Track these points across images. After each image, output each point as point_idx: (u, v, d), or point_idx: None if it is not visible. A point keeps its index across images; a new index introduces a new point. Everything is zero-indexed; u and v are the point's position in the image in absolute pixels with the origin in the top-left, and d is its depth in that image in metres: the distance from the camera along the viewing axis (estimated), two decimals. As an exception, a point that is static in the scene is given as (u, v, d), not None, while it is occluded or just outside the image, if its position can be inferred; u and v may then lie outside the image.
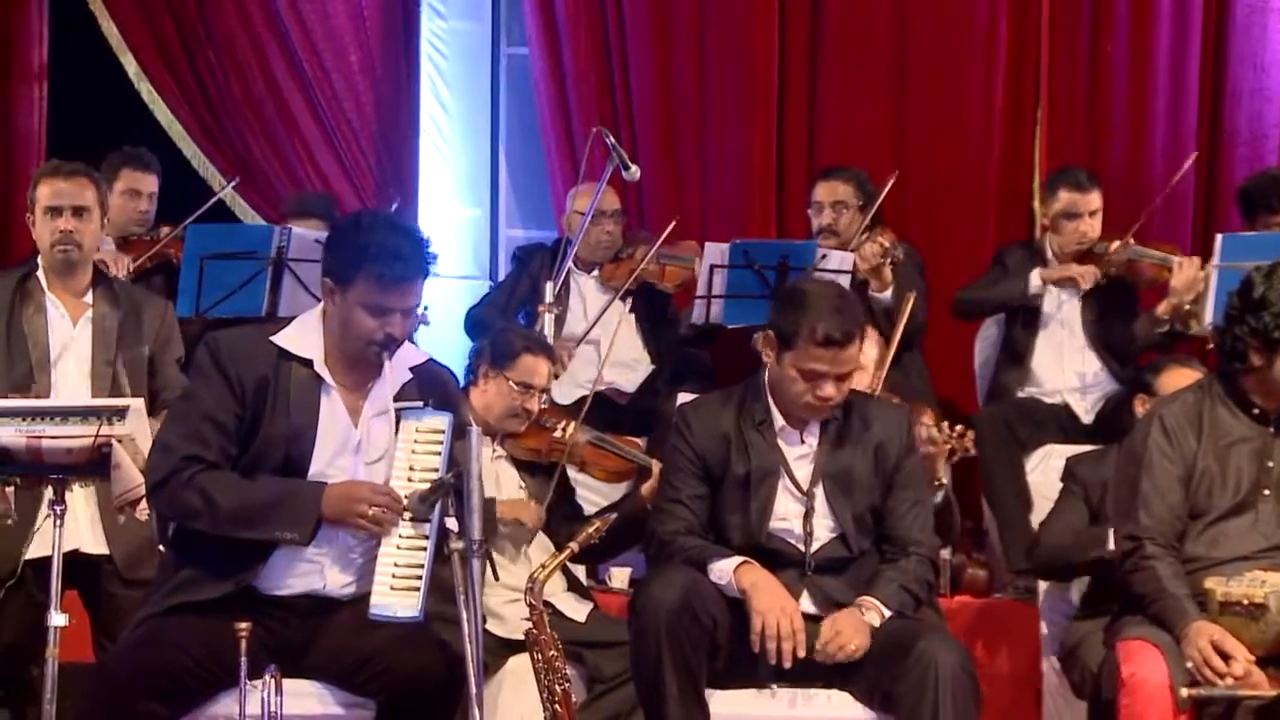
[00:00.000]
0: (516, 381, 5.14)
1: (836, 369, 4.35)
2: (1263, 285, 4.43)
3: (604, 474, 5.58)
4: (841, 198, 6.90)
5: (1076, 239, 6.62)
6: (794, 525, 4.43)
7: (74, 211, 5.04)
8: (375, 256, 3.96)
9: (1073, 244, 6.64)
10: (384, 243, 3.97)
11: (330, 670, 4.06)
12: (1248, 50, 7.63)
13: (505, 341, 5.24)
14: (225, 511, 3.94)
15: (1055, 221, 6.69)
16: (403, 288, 4.00)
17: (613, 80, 7.78)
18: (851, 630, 4.24)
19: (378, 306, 3.99)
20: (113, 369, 4.99)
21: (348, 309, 4.02)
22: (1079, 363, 6.65)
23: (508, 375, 5.15)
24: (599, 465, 5.54)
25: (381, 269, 3.96)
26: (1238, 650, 4.14)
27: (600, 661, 4.89)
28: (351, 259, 4.00)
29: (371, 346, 4.01)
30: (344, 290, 4.01)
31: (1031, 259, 6.76)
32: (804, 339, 4.33)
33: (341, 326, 4.05)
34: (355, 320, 4.01)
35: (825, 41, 7.75)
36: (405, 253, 3.99)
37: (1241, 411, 4.50)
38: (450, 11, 8.21)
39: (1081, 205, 6.63)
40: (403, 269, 3.98)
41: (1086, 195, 6.63)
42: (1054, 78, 7.69)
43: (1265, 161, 7.47)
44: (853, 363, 4.40)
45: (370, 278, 3.97)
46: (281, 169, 7.68)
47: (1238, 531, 4.43)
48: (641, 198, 7.66)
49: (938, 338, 6.99)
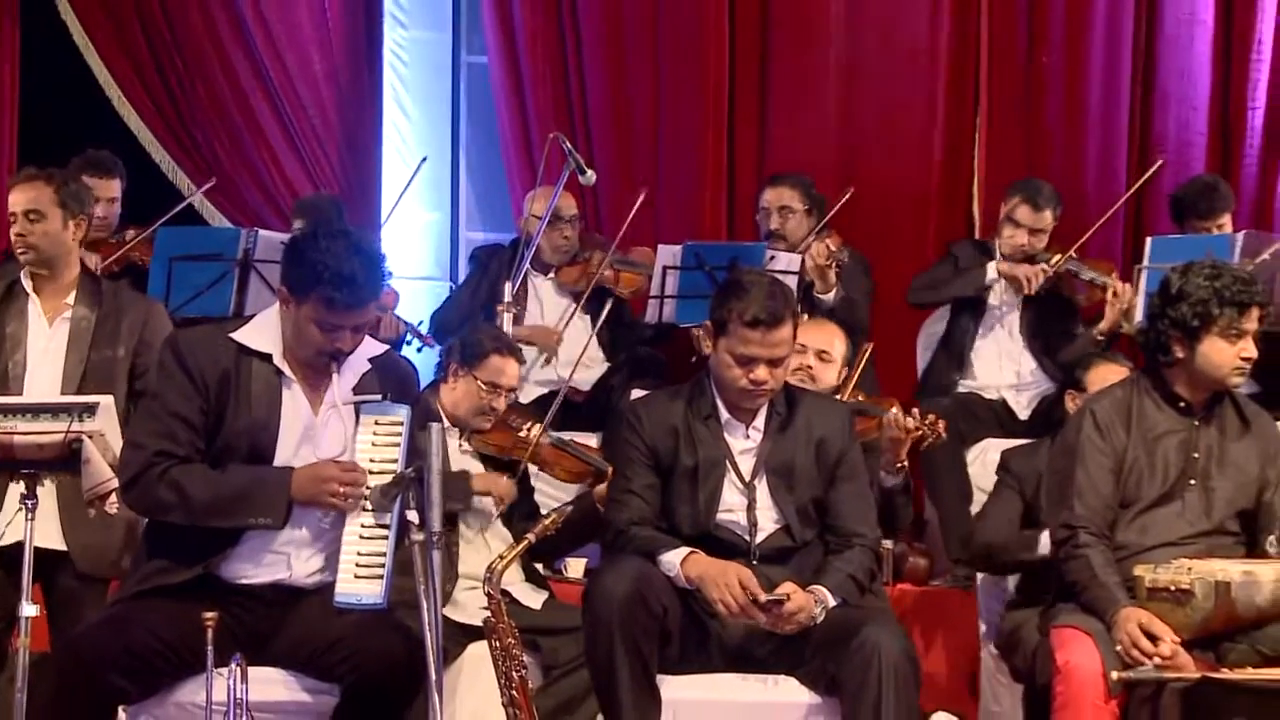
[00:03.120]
0: (485, 381, 5.16)
1: (768, 352, 4.36)
2: (1180, 280, 4.52)
3: (563, 474, 5.61)
4: (788, 203, 6.93)
5: (1013, 246, 6.67)
6: (739, 516, 4.43)
7: (27, 215, 4.99)
8: (329, 280, 3.94)
9: (1008, 247, 6.69)
10: (339, 268, 3.94)
11: (296, 657, 4.06)
12: (1175, 61, 7.68)
13: (475, 342, 5.25)
14: (198, 503, 3.95)
15: (1001, 224, 6.73)
16: (352, 312, 4.01)
17: (569, 88, 7.79)
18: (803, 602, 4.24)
19: (327, 324, 4.00)
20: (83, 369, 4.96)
21: (300, 320, 4.03)
22: (1017, 362, 6.70)
23: (476, 375, 5.17)
24: (558, 465, 5.56)
25: (333, 293, 3.95)
26: (1165, 634, 4.17)
27: (555, 647, 4.90)
28: (307, 276, 3.99)
29: (320, 356, 4.04)
30: (298, 303, 4.03)
31: (981, 257, 6.80)
32: (735, 322, 4.35)
33: (293, 333, 4.08)
34: (306, 331, 4.03)
35: (774, 51, 7.77)
36: (358, 279, 3.97)
37: (1168, 405, 4.55)
38: (412, 21, 8.20)
39: (1028, 220, 6.68)
40: (352, 295, 3.97)
41: (1037, 214, 6.69)
42: (993, 86, 7.72)
43: (1193, 168, 7.53)
44: (784, 346, 4.40)
45: (322, 299, 3.97)
46: (248, 174, 7.65)
47: (1165, 519, 4.48)
48: (598, 201, 7.66)
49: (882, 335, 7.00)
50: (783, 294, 4.43)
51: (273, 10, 7.65)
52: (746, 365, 4.38)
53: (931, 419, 5.35)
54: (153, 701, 4.03)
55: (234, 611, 4.00)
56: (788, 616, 4.20)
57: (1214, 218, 6.79)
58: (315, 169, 7.72)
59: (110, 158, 6.74)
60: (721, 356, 4.42)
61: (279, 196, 7.64)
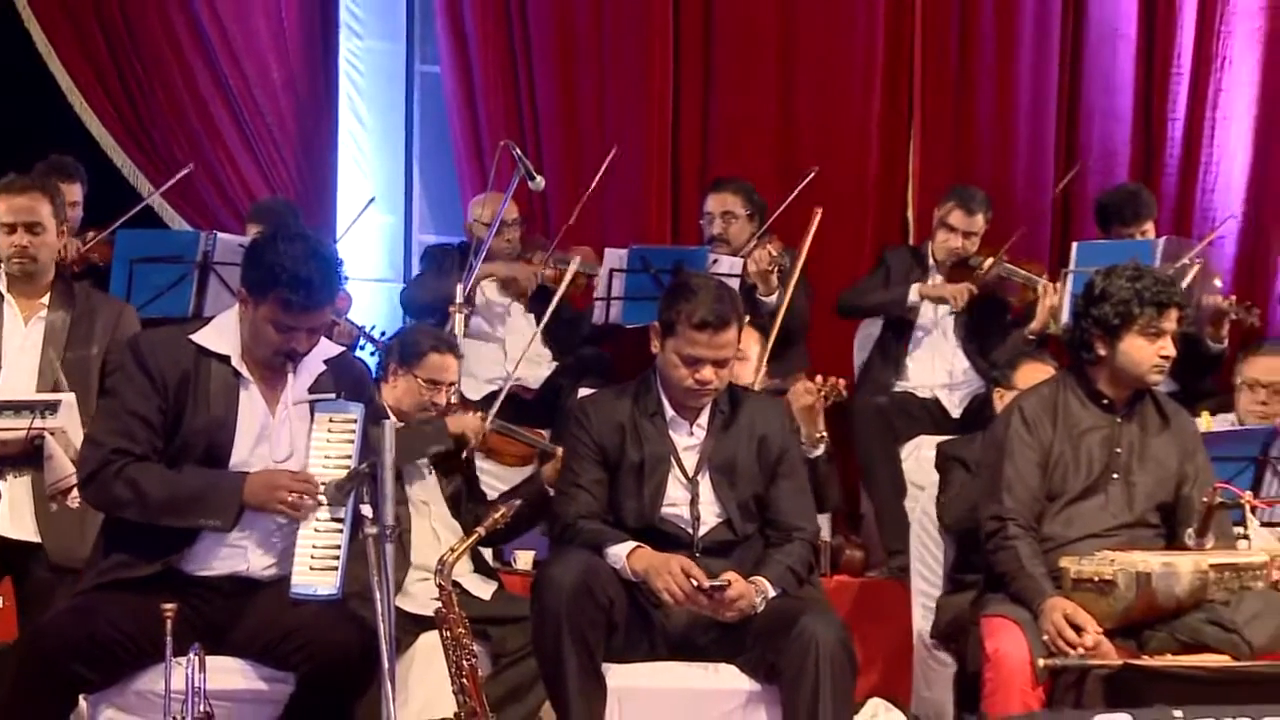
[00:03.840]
0: (424, 379, 5.16)
1: (714, 353, 4.39)
2: (1103, 282, 4.58)
3: (510, 459, 5.62)
4: (730, 208, 6.95)
5: (947, 250, 6.72)
6: (683, 510, 4.46)
7: (27, 227, 4.97)
8: (286, 283, 3.95)
9: (944, 253, 6.73)
10: (296, 271, 3.95)
11: (253, 647, 4.06)
12: (1100, 72, 7.75)
13: (413, 341, 5.25)
14: (153, 502, 3.95)
15: (936, 228, 6.78)
16: (308, 314, 4.02)
17: (519, 97, 7.78)
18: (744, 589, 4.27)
19: (283, 325, 4.00)
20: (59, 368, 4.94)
21: (257, 321, 4.04)
22: (949, 362, 6.73)
23: (416, 373, 5.16)
24: (505, 451, 5.57)
25: (289, 295, 3.96)
26: (1089, 624, 4.22)
27: (504, 637, 4.90)
28: (265, 278, 3.99)
29: (276, 357, 4.04)
30: (255, 304, 4.03)
31: (914, 263, 6.84)
32: (683, 324, 4.37)
33: (251, 333, 4.08)
34: (262, 332, 4.03)
35: (717, 60, 7.79)
36: (315, 282, 3.97)
37: (1092, 402, 4.61)
38: (367, 31, 8.17)
39: (961, 224, 6.73)
40: (308, 298, 3.98)
41: (969, 218, 6.74)
42: (926, 95, 7.76)
43: (1117, 176, 7.60)
44: (729, 348, 4.43)
45: (279, 300, 3.97)
46: (208, 178, 7.61)
47: (1090, 512, 4.53)
48: (547, 206, 7.67)
49: (820, 334, 7.05)
50: (729, 298, 4.46)
51: (231, 19, 7.61)
52: (693, 366, 4.40)
53: (832, 380, 5.37)
54: (113, 690, 4.02)
55: (193, 603, 4.00)
56: (729, 603, 4.23)
57: (1137, 224, 6.87)
58: (272, 174, 7.69)
59: (72, 163, 6.71)
60: (669, 357, 4.45)
61: (236, 200, 7.60)
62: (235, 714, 4.02)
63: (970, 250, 6.73)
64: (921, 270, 6.84)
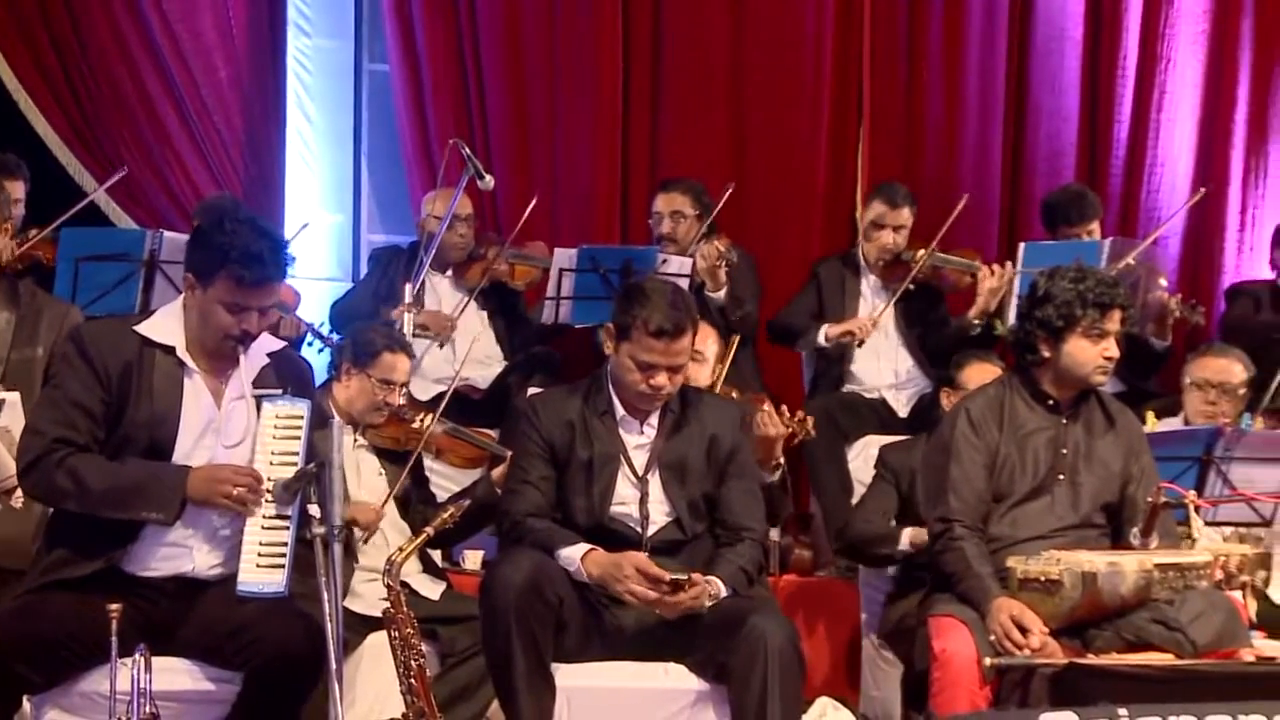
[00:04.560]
0: (378, 378, 5.14)
1: (668, 360, 4.39)
2: (1046, 284, 4.59)
3: (459, 460, 5.60)
4: (679, 208, 6.95)
5: (879, 248, 6.73)
6: (633, 509, 4.46)
7: None
8: (236, 259, 3.93)
9: (876, 252, 6.74)
10: (246, 247, 3.94)
11: (199, 646, 4.03)
12: (1047, 75, 7.78)
13: (367, 340, 5.23)
14: (94, 493, 3.91)
15: (866, 230, 6.80)
16: (261, 289, 3.99)
17: (468, 95, 7.76)
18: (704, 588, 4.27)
19: (236, 305, 3.98)
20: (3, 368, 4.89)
21: (207, 304, 4.00)
22: (894, 362, 6.74)
23: (369, 372, 5.15)
24: (454, 452, 5.55)
25: (241, 271, 3.94)
26: (1035, 624, 4.23)
27: (453, 636, 4.90)
28: (214, 258, 3.97)
29: (227, 341, 4.01)
30: (205, 286, 4.00)
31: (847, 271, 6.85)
32: (639, 330, 4.37)
33: (200, 319, 4.04)
34: (213, 315, 4.00)
35: (666, 61, 7.78)
36: (265, 257, 3.97)
37: (1038, 404, 4.62)
38: (315, 30, 8.13)
39: (889, 219, 6.74)
40: (261, 272, 3.97)
41: (895, 211, 6.75)
42: (875, 98, 7.77)
43: (1063, 176, 7.63)
44: (684, 354, 4.43)
45: (230, 278, 3.95)
46: (154, 177, 7.55)
47: (1036, 513, 4.54)
48: (496, 205, 7.64)
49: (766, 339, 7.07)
50: (685, 304, 4.47)
51: (177, 17, 7.54)
52: (647, 371, 4.40)
53: (800, 416, 5.36)
54: (58, 691, 3.98)
55: (138, 603, 3.96)
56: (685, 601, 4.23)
57: (1083, 224, 6.90)
58: (220, 172, 7.64)
59: (15, 160, 6.64)
60: (622, 360, 4.44)
61: (183, 198, 7.55)
62: (182, 715, 3.99)
63: (901, 246, 6.74)
64: (855, 276, 6.85)
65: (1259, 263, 7.51)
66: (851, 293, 6.83)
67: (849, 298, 6.81)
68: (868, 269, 6.83)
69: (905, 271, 6.66)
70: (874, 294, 6.80)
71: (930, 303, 6.80)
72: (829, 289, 6.84)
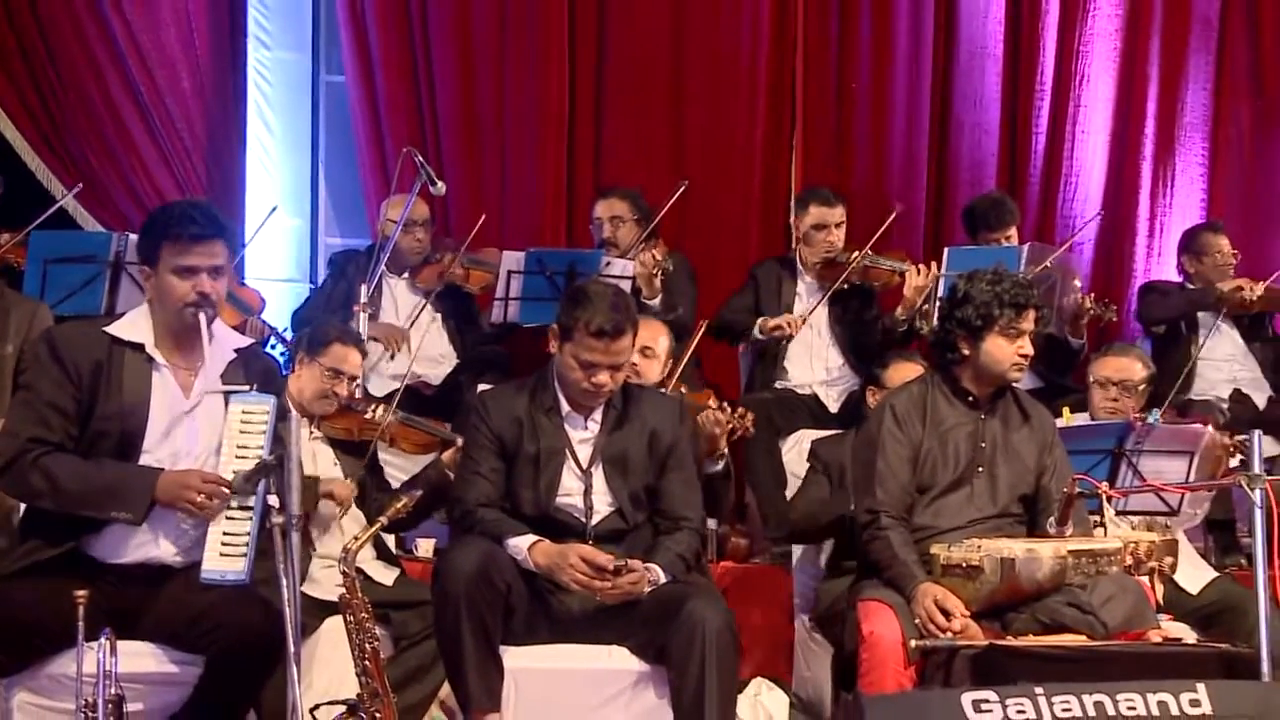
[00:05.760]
0: (328, 367, 5.14)
1: (609, 359, 4.41)
2: (965, 285, 4.65)
3: (411, 446, 5.59)
4: (617, 213, 6.95)
5: (824, 249, 6.77)
6: (577, 500, 4.48)
7: None
8: (174, 222, 3.98)
9: (820, 253, 6.78)
10: (177, 212, 4.02)
11: (163, 630, 4.02)
12: (970, 89, 7.86)
13: (320, 332, 5.24)
14: (67, 492, 3.91)
15: (806, 234, 6.82)
16: (201, 245, 3.99)
17: (421, 105, 7.75)
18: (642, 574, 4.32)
19: (184, 268, 3.98)
20: None
21: (161, 281, 4.01)
22: (825, 359, 6.77)
23: (320, 361, 5.15)
24: (406, 439, 5.54)
25: (178, 231, 3.97)
26: (957, 608, 4.28)
27: (406, 621, 4.89)
28: (155, 232, 4.02)
29: (188, 309, 3.99)
30: (154, 265, 4.01)
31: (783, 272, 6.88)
32: (580, 331, 4.40)
33: (160, 301, 4.04)
34: (168, 287, 4.00)
35: (610, 74, 7.81)
36: (197, 217, 4.01)
37: (958, 400, 4.66)
38: (274, 42, 8.10)
39: (828, 218, 6.77)
40: (198, 229, 3.98)
41: (833, 209, 6.79)
42: (807, 108, 7.83)
43: (985, 185, 7.71)
44: (624, 354, 4.46)
45: (171, 244, 3.98)
46: (120, 182, 7.51)
47: (957, 504, 4.59)
48: (448, 210, 7.65)
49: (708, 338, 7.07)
50: (625, 305, 4.49)
51: (142, 29, 7.49)
52: (589, 370, 4.42)
53: (741, 412, 5.43)
54: (26, 674, 3.99)
55: (105, 589, 3.96)
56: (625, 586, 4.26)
57: (1002, 229, 6.96)
58: (183, 177, 7.59)
59: None
60: (566, 359, 4.46)
61: (148, 202, 7.47)
62: (146, 696, 3.99)
63: (838, 246, 6.78)
64: (791, 277, 6.88)
65: (1167, 268, 7.62)
66: (788, 293, 6.86)
67: (785, 298, 6.84)
68: (804, 271, 6.86)
69: (840, 272, 6.70)
70: (809, 294, 6.83)
71: (864, 302, 6.84)
72: (766, 290, 6.87)
